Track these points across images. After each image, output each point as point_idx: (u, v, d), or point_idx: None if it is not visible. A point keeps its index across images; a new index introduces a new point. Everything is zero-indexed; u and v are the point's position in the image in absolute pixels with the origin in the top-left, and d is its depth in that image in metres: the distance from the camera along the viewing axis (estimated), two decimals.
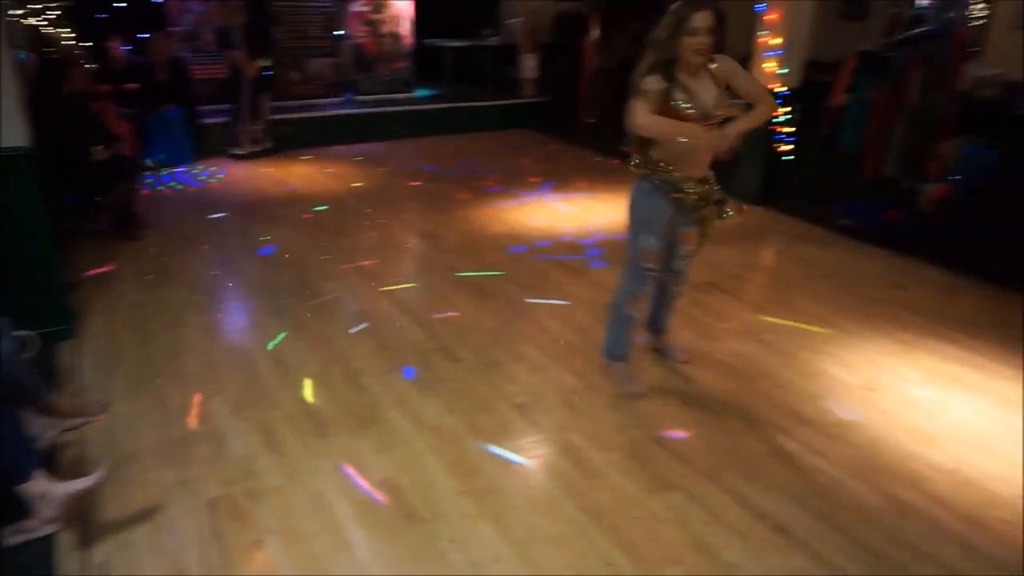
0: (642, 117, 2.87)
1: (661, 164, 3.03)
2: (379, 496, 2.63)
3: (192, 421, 3.06)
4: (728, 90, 2.97)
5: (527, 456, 2.89)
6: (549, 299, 4.35)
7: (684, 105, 2.86)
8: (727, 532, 2.50)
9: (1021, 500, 2.71)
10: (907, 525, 2.57)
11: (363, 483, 2.70)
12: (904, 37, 5.81)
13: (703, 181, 3.07)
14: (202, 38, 8.05)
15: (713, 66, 2.89)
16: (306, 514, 2.54)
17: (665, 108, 2.86)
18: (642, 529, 2.50)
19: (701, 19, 2.73)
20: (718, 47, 2.84)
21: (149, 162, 6.76)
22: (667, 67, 2.83)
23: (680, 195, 3.04)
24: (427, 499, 2.63)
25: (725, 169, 3.37)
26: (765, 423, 3.16)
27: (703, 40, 2.75)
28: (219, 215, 5.72)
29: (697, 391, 3.40)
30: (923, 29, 5.81)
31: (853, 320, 4.16)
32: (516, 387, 3.39)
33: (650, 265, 3.19)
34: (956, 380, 3.55)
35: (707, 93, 2.91)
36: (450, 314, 4.13)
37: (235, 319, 4.09)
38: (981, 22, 9.33)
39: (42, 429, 2.86)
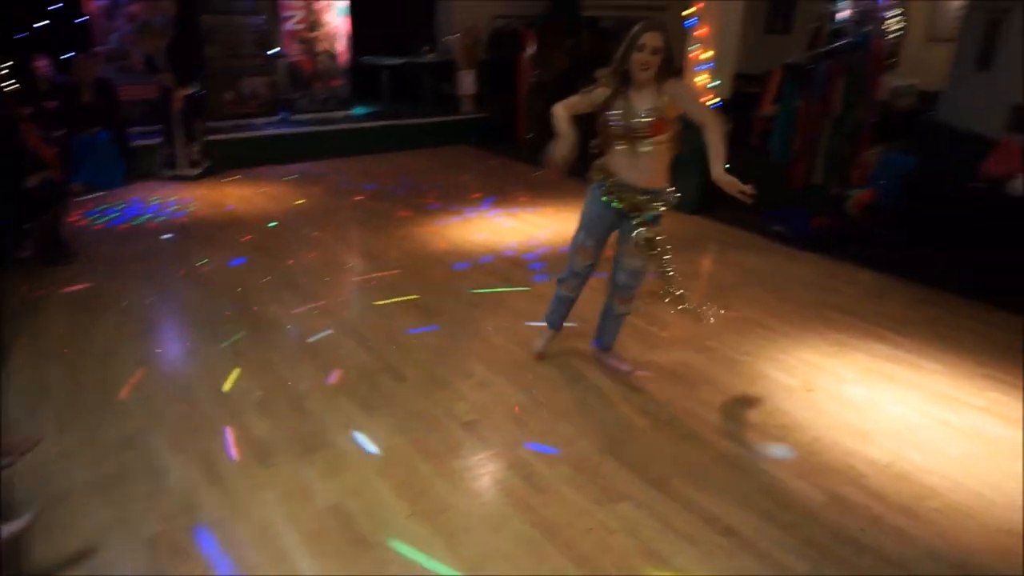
0: (558, 104, 3.16)
1: (608, 169, 3.22)
2: (327, 522, 2.57)
3: (127, 455, 2.94)
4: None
5: (477, 473, 2.88)
6: (492, 314, 4.35)
7: (613, 114, 3.11)
8: (677, 538, 2.53)
9: (952, 491, 2.83)
10: (848, 520, 2.65)
11: (311, 510, 2.64)
12: (826, 50, 6.05)
13: (645, 192, 3.18)
14: (130, 58, 7.82)
15: (663, 92, 3.07)
16: (252, 546, 2.46)
17: (601, 115, 3.15)
18: (594, 541, 2.51)
19: (648, 38, 3.00)
20: (668, 66, 3.06)
21: (76, 185, 6.52)
22: (620, 79, 3.08)
23: (614, 200, 3.22)
24: (377, 523, 2.58)
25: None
26: (710, 428, 3.22)
27: (647, 57, 3.00)
28: (157, 238, 5.54)
29: (643, 400, 3.44)
30: (843, 42, 6.07)
31: (789, 324, 4.29)
32: (464, 404, 3.37)
33: (579, 261, 3.45)
34: (888, 377, 3.70)
35: (643, 105, 3.09)
36: (394, 333, 4.09)
37: (171, 347, 3.96)
38: (896, 35, 9.81)
39: None
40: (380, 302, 4.53)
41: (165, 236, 5.62)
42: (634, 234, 3.25)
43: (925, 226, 5.21)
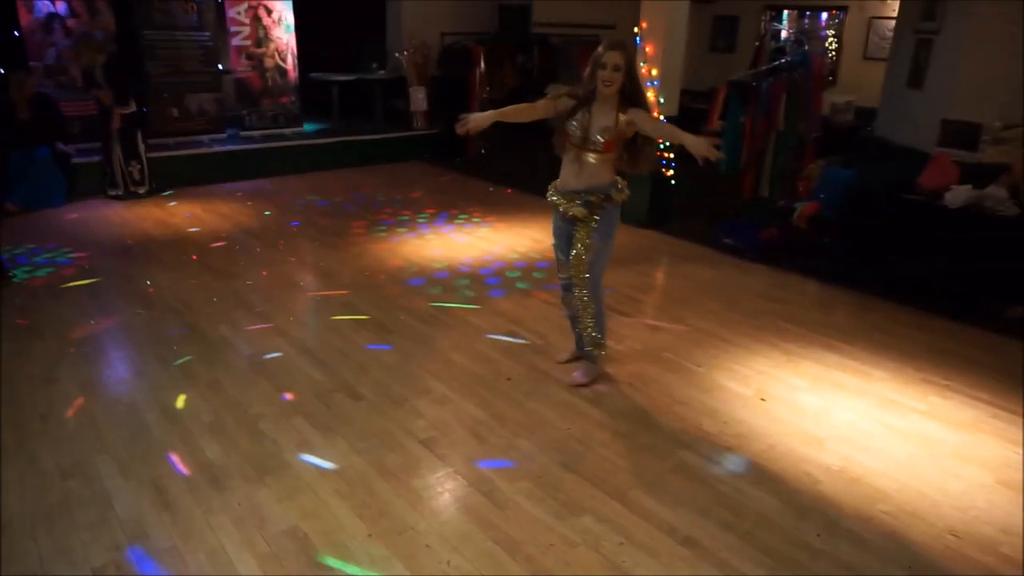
0: (515, 106, 3.49)
1: (557, 181, 3.54)
2: (284, 545, 2.51)
3: (71, 483, 2.82)
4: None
5: (436, 491, 2.85)
6: (449, 331, 4.34)
7: (573, 124, 3.35)
8: (638, 551, 2.54)
9: (900, 493, 2.91)
10: (804, 526, 2.70)
11: (266, 533, 2.57)
12: (768, 68, 6.24)
13: (576, 193, 3.43)
14: (68, 73, 7.59)
15: (624, 113, 3.28)
16: (205, 573, 2.38)
17: (563, 122, 3.39)
18: (556, 556, 2.50)
19: (609, 57, 3.23)
20: (635, 87, 3.30)
21: (11, 205, 6.29)
22: (587, 94, 3.32)
23: (558, 202, 3.51)
24: (335, 545, 2.53)
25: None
26: (668, 439, 3.26)
27: (609, 74, 3.23)
28: (99, 260, 5.36)
29: (601, 413, 3.46)
30: (785, 60, 6.27)
31: (742, 334, 4.38)
32: (421, 422, 3.34)
33: (560, 274, 3.68)
34: (838, 385, 3.80)
35: (600, 124, 3.31)
36: (349, 351, 4.03)
37: (116, 371, 3.82)
38: (833, 54, 10.21)
39: None
40: (334, 319, 4.46)
41: (108, 255, 5.44)
42: (577, 231, 3.49)
43: (865, 237, 5.40)
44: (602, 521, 2.69)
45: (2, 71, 6.82)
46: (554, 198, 3.54)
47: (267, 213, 6.84)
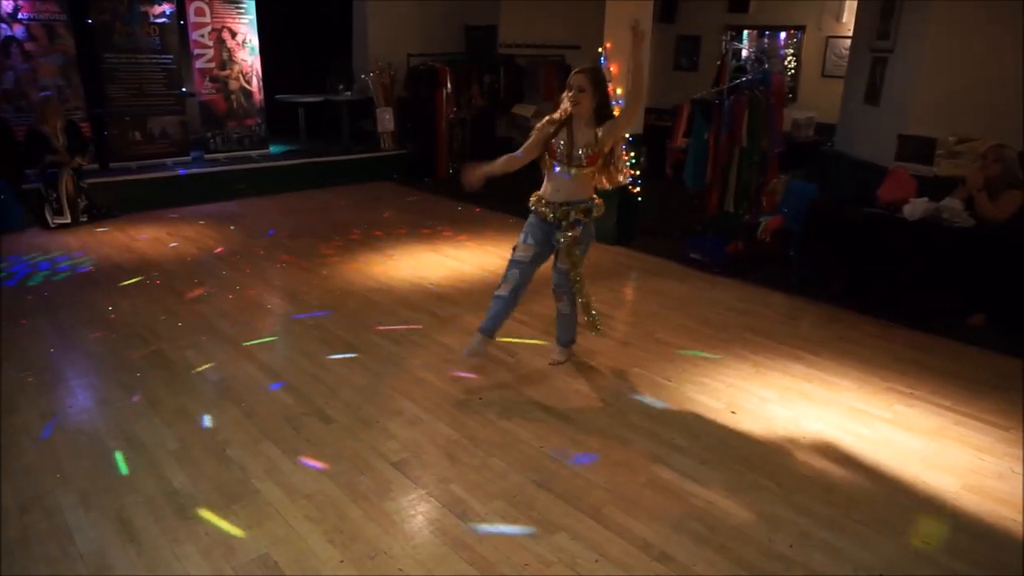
0: (507, 158, 3.80)
1: (540, 193, 3.89)
2: (254, 574, 2.45)
3: (31, 517, 2.73)
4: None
5: (409, 514, 2.81)
6: (419, 350, 4.31)
7: (562, 143, 3.69)
8: (614, 567, 2.53)
9: (872, 501, 2.94)
10: (778, 537, 2.71)
11: (235, 563, 2.50)
12: (731, 85, 6.36)
13: (562, 205, 3.77)
14: (27, 97, 7.45)
15: (599, 128, 3.67)
16: None
17: (548, 143, 3.72)
18: None
19: (574, 79, 3.63)
20: (603, 104, 3.66)
21: None
22: (564, 115, 3.65)
23: (543, 212, 3.81)
24: (307, 572, 2.48)
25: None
26: (640, 454, 3.26)
27: (574, 94, 3.62)
28: (57, 288, 5.24)
29: (574, 430, 3.46)
30: (746, 78, 6.39)
31: (711, 347, 4.42)
32: (393, 443, 3.30)
33: (516, 252, 3.88)
34: (805, 396, 3.84)
35: (582, 141, 3.67)
36: (318, 373, 3.98)
37: (78, 399, 3.72)
38: (792, 72, 10.45)
39: None
40: (303, 341, 4.41)
41: (66, 281, 5.32)
42: (561, 239, 3.79)
43: (828, 249, 5.50)
44: (577, 539, 2.67)
45: None
46: (543, 208, 3.82)
47: (232, 228, 6.77)
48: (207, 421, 3.46)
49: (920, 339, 4.62)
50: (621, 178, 3.94)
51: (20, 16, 7.36)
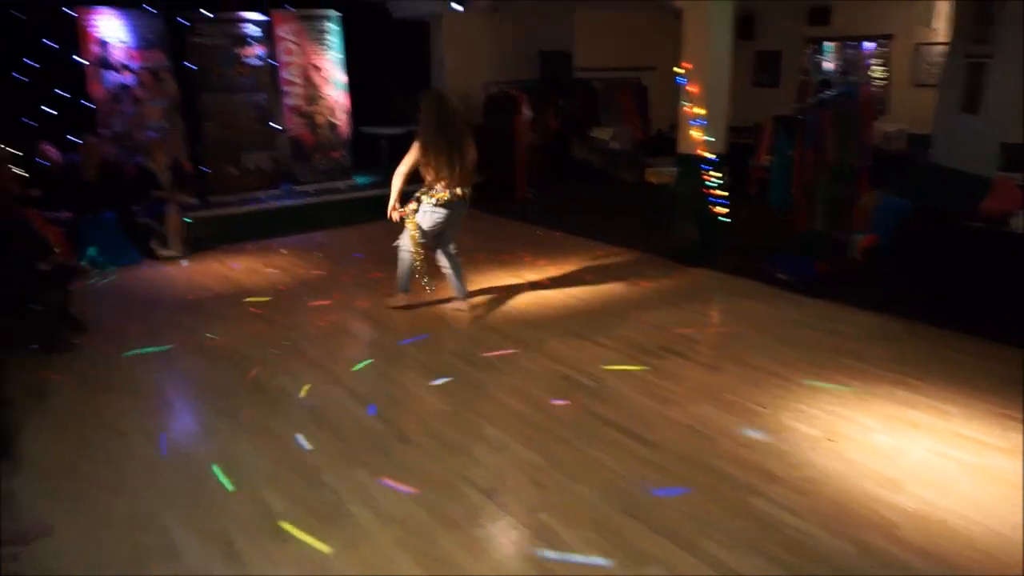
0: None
1: None
2: None
3: (141, 535, 2.88)
4: None
5: (498, 542, 2.81)
6: (502, 375, 4.33)
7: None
8: None
9: (987, 537, 2.75)
10: (881, 573, 2.57)
11: None
12: (816, 100, 6.19)
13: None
14: (133, 138, 7.99)
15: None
16: None
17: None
18: None
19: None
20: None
21: (84, 264, 6.57)
22: None
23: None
24: None
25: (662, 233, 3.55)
26: (735, 484, 3.16)
27: None
28: (165, 314, 5.55)
29: (662, 457, 3.38)
30: (832, 92, 6.21)
31: (804, 372, 4.26)
32: (480, 469, 3.31)
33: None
34: (910, 423, 3.64)
35: None
36: (404, 399, 4.05)
37: (181, 423, 3.92)
38: (882, 83, 10.07)
39: None
40: (389, 367, 4.50)
41: (172, 311, 5.63)
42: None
43: (925, 266, 5.23)
44: (670, 572, 2.60)
45: (75, 139, 7.21)
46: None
47: (319, 255, 7.04)
48: (302, 444, 3.57)
49: None
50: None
51: (131, 65, 7.92)
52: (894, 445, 3.44)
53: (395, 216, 5.25)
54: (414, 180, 5.33)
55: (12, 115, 7.10)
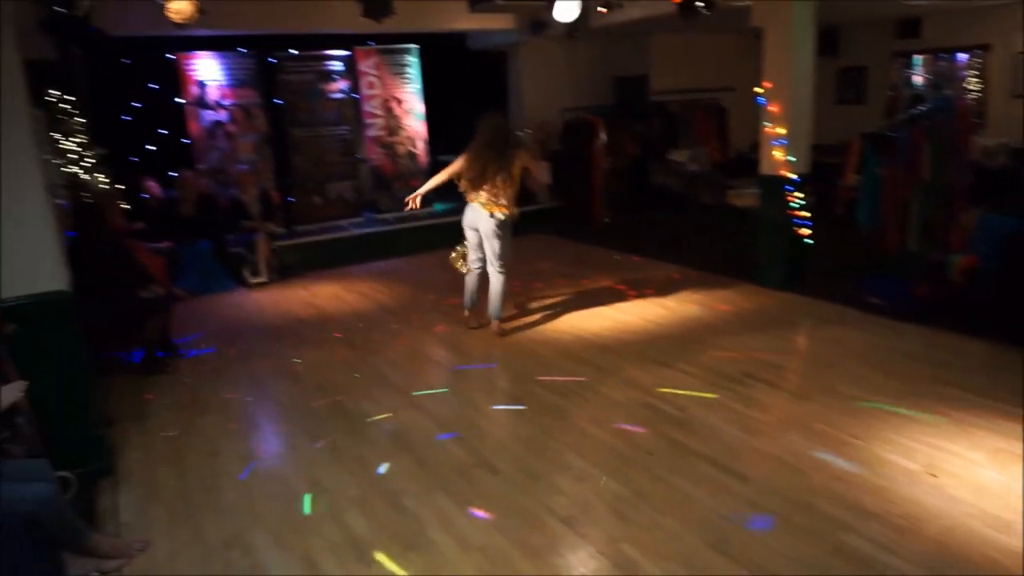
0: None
1: None
2: None
3: (232, 554, 2.97)
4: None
5: (578, 572, 2.76)
6: (584, 404, 4.28)
7: None
8: None
9: None
10: None
11: None
12: (907, 116, 5.93)
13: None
14: (226, 172, 8.41)
15: None
16: None
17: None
18: None
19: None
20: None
21: (181, 292, 6.92)
22: None
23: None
24: None
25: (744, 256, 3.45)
26: (827, 519, 3.01)
27: None
28: (253, 338, 5.78)
29: (750, 490, 3.26)
30: (925, 107, 5.94)
31: (900, 401, 4.03)
32: (561, 499, 3.28)
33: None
34: (1021, 459, 3.38)
35: None
36: (487, 426, 4.06)
37: (270, 445, 4.05)
38: (978, 94, 9.58)
39: (82, 571, 2.80)
40: (470, 393, 4.53)
41: (261, 337, 5.86)
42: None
43: None
44: None
45: (174, 174, 7.66)
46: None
47: (400, 283, 7.17)
48: (383, 469, 3.63)
49: None
50: None
51: (225, 103, 8.38)
52: (1003, 482, 3.20)
53: (410, 204, 5.91)
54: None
55: (120, 154, 7.60)
